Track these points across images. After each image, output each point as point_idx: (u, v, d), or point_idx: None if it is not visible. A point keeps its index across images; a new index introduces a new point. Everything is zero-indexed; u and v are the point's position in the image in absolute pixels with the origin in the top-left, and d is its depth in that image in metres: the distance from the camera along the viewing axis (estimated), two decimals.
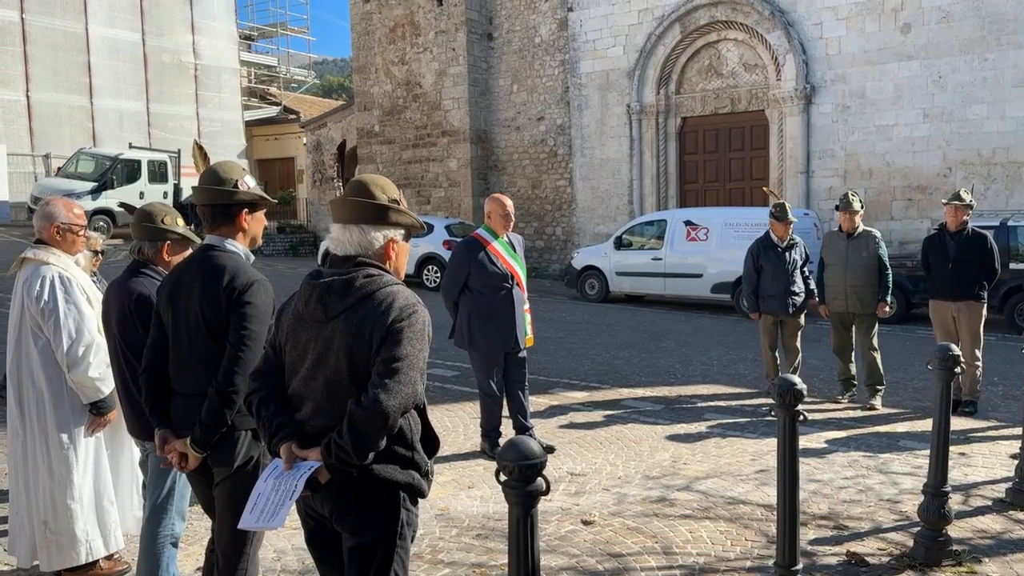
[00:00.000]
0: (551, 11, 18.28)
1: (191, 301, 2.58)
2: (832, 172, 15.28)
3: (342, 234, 2.20)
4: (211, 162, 2.94)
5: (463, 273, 5.36)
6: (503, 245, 5.43)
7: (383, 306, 2.09)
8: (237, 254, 2.65)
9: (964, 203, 6.68)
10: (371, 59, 20.41)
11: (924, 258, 6.99)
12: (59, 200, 3.61)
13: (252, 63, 31.94)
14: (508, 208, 5.41)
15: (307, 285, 2.19)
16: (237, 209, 2.67)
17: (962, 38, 13.84)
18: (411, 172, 20.06)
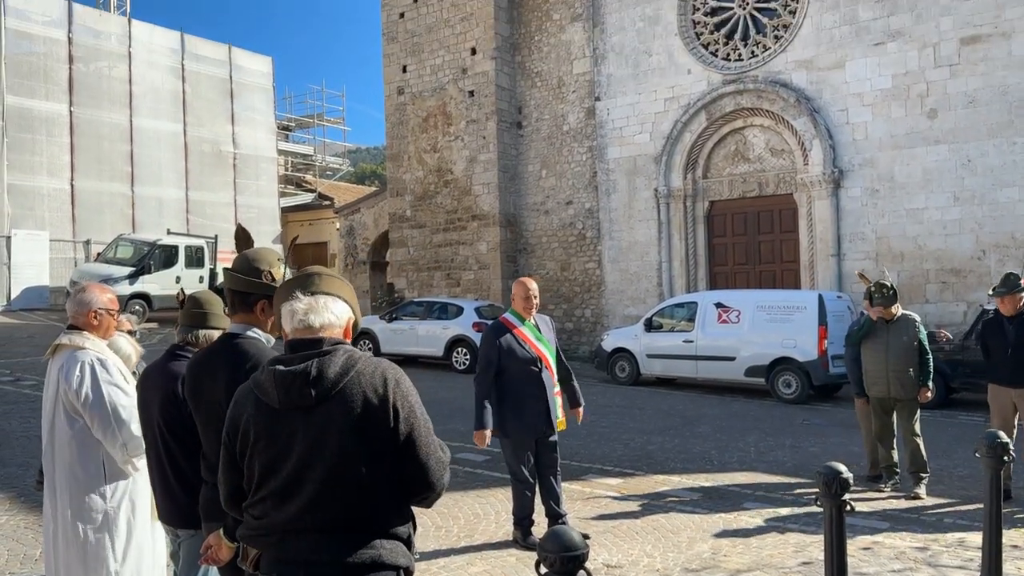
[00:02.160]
0: (579, 100, 18.75)
1: (215, 391, 2.54)
2: (863, 255, 15.21)
3: (311, 300, 2.13)
4: (253, 245, 2.99)
5: (494, 358, 5.33)
6: (530, 328, 5.43)
7: (378, 377, 2.03)
8: (259, 340, 2.63)
9: (1014, 289, 6.50)
10: (404, 147, 20.97)
11: (983, 342, 6.82)
12: (93, 286, 3.67)
13: (289, 152, 32.97)
14: (530, 291, 5.43)
15: (278, 374, 2.03)
16: (256, 299, 2.68)
17: (989, 122, 13.92)
18: (441, 255, 20.31)
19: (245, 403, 2.10)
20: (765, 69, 16.25)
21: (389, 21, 21.09)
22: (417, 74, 20.62)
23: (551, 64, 19.15)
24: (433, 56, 20.29)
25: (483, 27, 19.38)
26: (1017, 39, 13.63)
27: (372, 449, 2.00)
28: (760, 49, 16.50)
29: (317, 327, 2.10)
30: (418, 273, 20.77)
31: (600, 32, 18.37)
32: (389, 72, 21.18)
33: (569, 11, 18.81)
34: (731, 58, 16.87)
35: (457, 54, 19.84)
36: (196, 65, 25.98)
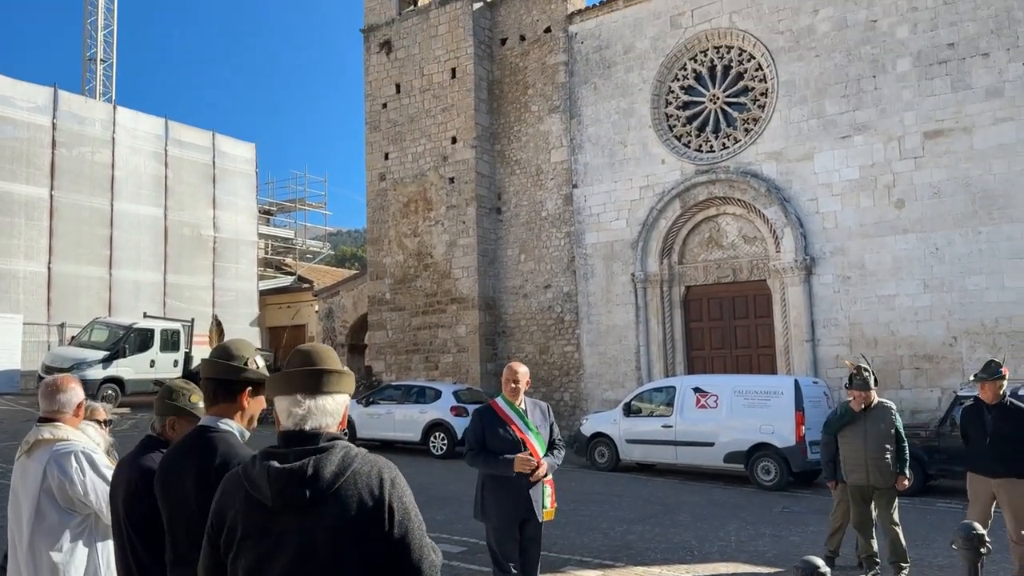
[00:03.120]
0: (557, 188, 19.16)
1: (183, 487, 2.51)
2: (837, 341, 15.40)
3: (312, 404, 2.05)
4: (226, 337, 3.01)
5: (480, 438, 5.33)
6: (516, 412, 5.41)
7: (374, 477, 1.98)
8: (232, 433, 2.62)
9: (993, 376, 6.56)
10: (385, 231, 21.20)
11: (962, 429, 6.83)
12: (67, 379, 3.65)
13: (270, 235, 33.16)
14: (515, 374, 5.43)
15: (272, 471, 1.94)
16: (241, 387, 2.69)
17: (955, 212, 14.37)
18: (420, 338, 20.29)
19: (234, 496, 2.01)
20: (736, 160, 16.76)
21: (372, 111, 21.61)
22: (399, 161, 21.03)
23: (530, 152, 19.63)
24: (415, 144, 20.74)
25: (464, 117, 19.91)
26: (978, 133, 14.22)
27: (365, 551, 1.95)
28: (731, 141, 17.05)
29: (317, 426, 2.05)
30: (396, 356, 20.69)
31: (577, 123, 18.94)
32: (371, 159, 21.59)
33: (547, 103, 19.41)
34: (703, 149, 17.40)
35: (438, 142, 20.30)
36: (179, 151, 26.32)
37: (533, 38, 19.75)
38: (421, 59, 20.79)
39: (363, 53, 22.02)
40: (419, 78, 20.79)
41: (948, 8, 14.57)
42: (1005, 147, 13.93)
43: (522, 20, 19.99)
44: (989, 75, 14.14)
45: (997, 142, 14.01)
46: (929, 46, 14.72)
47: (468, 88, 19.84)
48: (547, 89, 19.41)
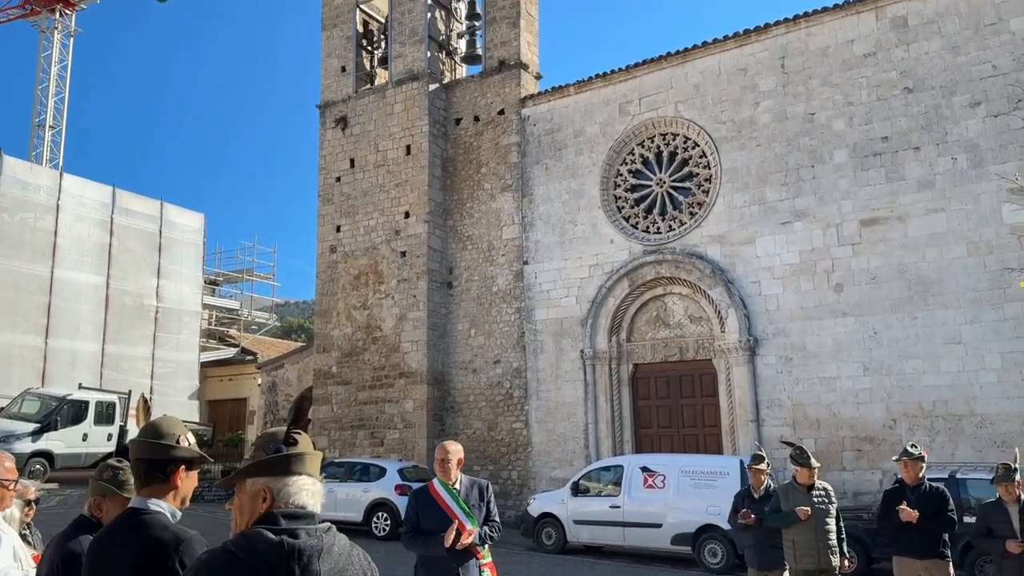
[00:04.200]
0: (508, 264, 19.35)
1: (117, 573, 2.41)
2: (781, 421, 15.61)
3: (315, 487, 2.13)
4: (152, 417, 2.93)
5: (414, 521, 5.26)
6: (449, 493, 5.32)
7: (362, 554, 2.09)
8: (163, 514, 2.55)
9: (914, 457, 6.79)
10: (334, 304, 21.04)
11: (884, 511, 6.94)
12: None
13: (214, 306, 32.58)
14: (445, 453, 5.37)
15: (298, 547, 1.91)
16: (174, 466, 2.63)
17: (891, 298, 14.87)
18: (366, 413, 19.95)
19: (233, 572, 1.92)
20: (682, 242, 17.19)
21: (326, 184, 21.72)
22: (351, 234, 21.06)
23: (482, 229, 19.85)
24: (367, 218, 20.83)
25: (417, 193, 20.12)
26: (912, 222, 14.86)
27: None
28: (677, 224, 17.52)
29: (315, 505, 2.10)
30: (341, 432, 20.27)
31: (529, 202, 19.28)
32: (323, 231, 21.57)
33: (500, 182, 19.77)
34: (650, 230, 17.82)
35: (391, 216, 20.43)
36: (126, 219, 25.95)
37: (487, 119, 20.23)
38: (376, 135, 21.08)
39: (318, 128, 22.25)
40: (374, 153, 21.03)
41: (881, 104, 15.40)
42: (937, 236, 14.57)
43: (476, 102, 20.50)
44: (921, 168, 14.89)
45: (930, 231, 14.65)
46: (864, 139, 15.48)
47: (422, 165, 20.12)
48: (500, 168, 19.80)
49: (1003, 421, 13.66)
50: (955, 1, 14.93)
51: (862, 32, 15.77)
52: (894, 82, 15.32)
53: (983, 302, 14.02)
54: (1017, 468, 6.50)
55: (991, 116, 14.31)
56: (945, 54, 14.90)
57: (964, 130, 14.55)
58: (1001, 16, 14.48)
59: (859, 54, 15.75)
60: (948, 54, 14.87)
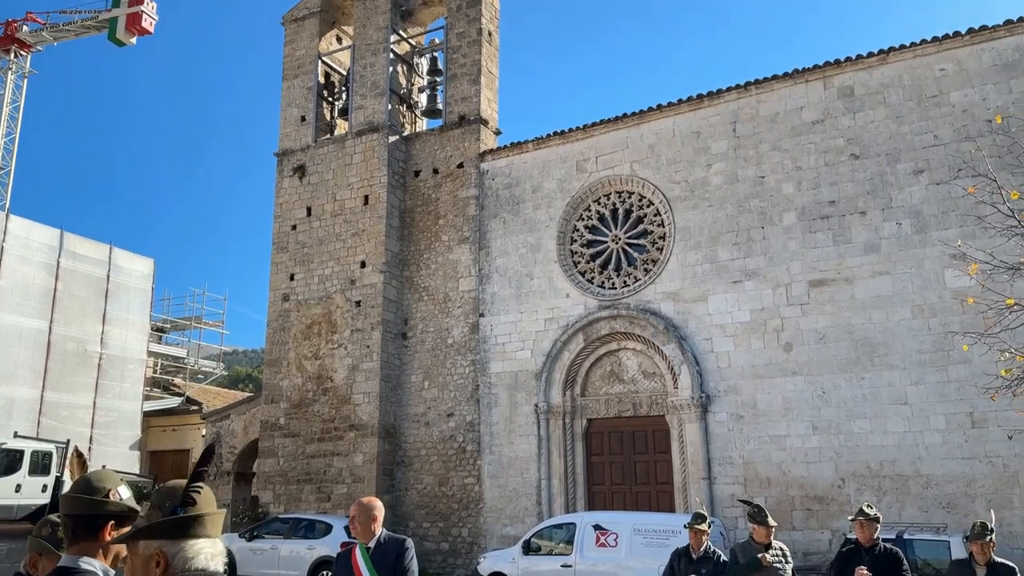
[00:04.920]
0: (464, 316, 19.29)
1: None
2: (732, 479, 15.64)
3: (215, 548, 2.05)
4: (88, 470, 2.81)
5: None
6: (362, 554, 5.16)
7: None
8: (94, 573, 2.42)
9: (869, 517, 6.80)
10: (284, 353, 20.67)
11: (839, 574, 6.91)
12: None
13: (160, 354, 31.75)
14: (355, 510, 5.20)
15: None
16: (104, 521, 2.51)
17: (839, 358, 15.15)
18: (313, 467, 19.47)
19: None
20: (636, 298, 17.36)
21: (281, 232, 21.53)
22: (305, 282, 20.83)
23: (438, 280, 19.82)
24: (322, 266, 20.66)
25: (374, 243, 20.05)
26: (859, 284, 15.23)
27: None
28: (632, 280, 17.72)
29: (218, 567, 2.03)
30: (286, 486, 19.73)
31: (486, 254, 19.35)
32: (276, 279, 21.30)
33: (457, 234, 19.83)
34: (605, 286, 17.98)
35: (347, 266, 20.29)
36: (73, 263, 25.32)
37: (446, 172, 20.37)
38: (334, 185, 21.04)
39: (275, 176, 22.15)
40: (331, 203, 20.97)
41: (829, 170, 15.91)
42: (883, 299, 14.95)
43: (436, 155, 20.66)
44: (867, 231, 15.34)
45: (876, 294, 15.03)
46: (812, 202, 15.93)
47: (380, 215, 20.10)
48: (458, 220, 19.88)
49: (948, 482, 13.87)
50: (899, 73, 15.61)
51: (810, 100, 16.36)
52: (841, 148, 15.87)
53: (928, 364, 14.36)
54: (993, 528, 6.57)
55: (934, 184, 14.87)
56: (890, 123, 15.51)
57: (908, 196, 15.08)
58: (942, 89, 15.16)
59: (807, 121, 16.30)
60: (892, 123, 15.49)
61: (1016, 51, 14.64)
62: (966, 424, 13.88)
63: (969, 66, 15.00)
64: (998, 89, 14.66)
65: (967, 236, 13.54)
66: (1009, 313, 7.84)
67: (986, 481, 13.60)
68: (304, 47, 22.71)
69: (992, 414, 13.53)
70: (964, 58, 15.07)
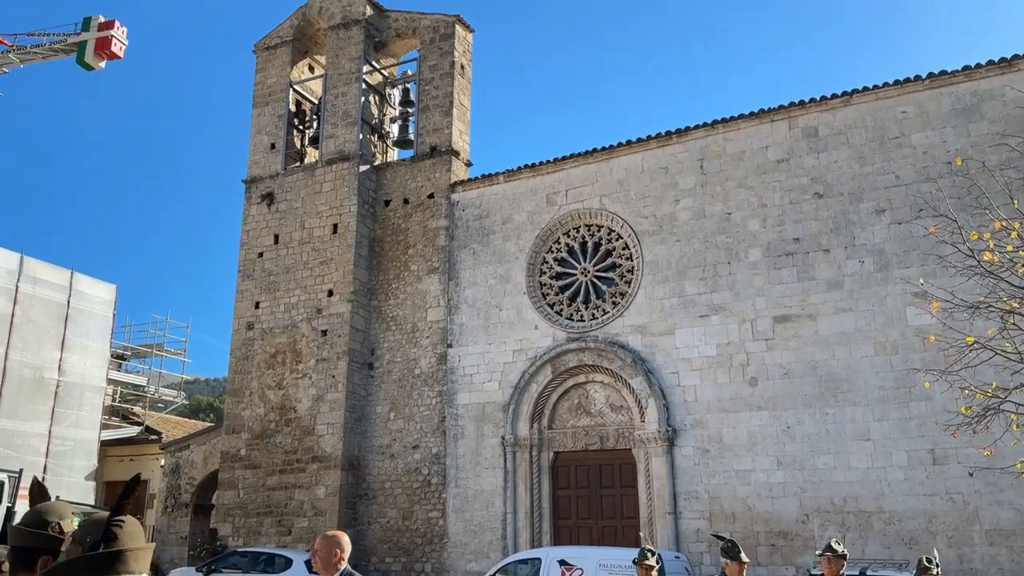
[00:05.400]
0: (431, 346, 19.17)
1: None
2: (698, 514, 15.61)
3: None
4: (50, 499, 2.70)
5: None
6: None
7: None
8: None
9: (837, 554, 6.82)
10: (247, 383, 20.34)
11: None
12: None
13: (120, 382, 31.06)
14: (317, 545, 5.04)
15: None
16: (39, 554, 2.41)
17: (804, 393, 15.28)
18: (274, 499, 19.09)
19: None
20: (605, 331, 17.40)
21: (247, 259, 21.31)
22: (270, 310, 20.59)
23: (407, 310, 19.71)
24: (289, 295, 20.45)
25: (342, 271, 19.92)
26: (822, 321, 15.43)
27: None
28: (600, 312, 17.77)
29: None
30: (246, 519, 19.29)
31: (455, 285, 19.31)
32: (241, 307, 21.03)
33: (427, 264, 19.78)
34: (574, 318, 18.02)
35: (314, 294, 20.10)
36: (32, 288, 24.74)
37: (416, 202, 20.36)
38: (303, 213, 20.92)
39: (243, 203, 21.97)
40: (299, 231, 20.83)
41: (793, 208, 16.18)
42: (846, 335, 15.15)
43: (407, 185, 20.66)
44: (830, 269, 15.58)
45: (839, 330, 15.23)
46: (777, 239, 16.17)
47: (349, 244, 20.00)
48: (427, 250, 19.84)
49: (910, 518, 13.98)
50: (862, 115, 15.99)
51: (776, 139, 16.68)
52: (805, 187, 16.16)
53: (890, 400, 14.53)
54: (937, 564, 6.62)
55: (895, 223, 15.18)
56: (853, 163, 15.85)
57: (870, 235, 15.37)
58: (903, 131, 15.55)
59: (773, 160, 16.60)
60: (855, 163, 15.82)
61: (974, 96, 15.09)
62: (927, 461, 14.04)
63: (929, 109, 15.42)
64: (957, 132, 15.07)
65: (928, 275, 13.81)
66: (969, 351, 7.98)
67: (947, 518, 13.73)
68: (276, 75, 22.70)
69: (953, 451, 13.71)
70: (924, 101, 15.49)
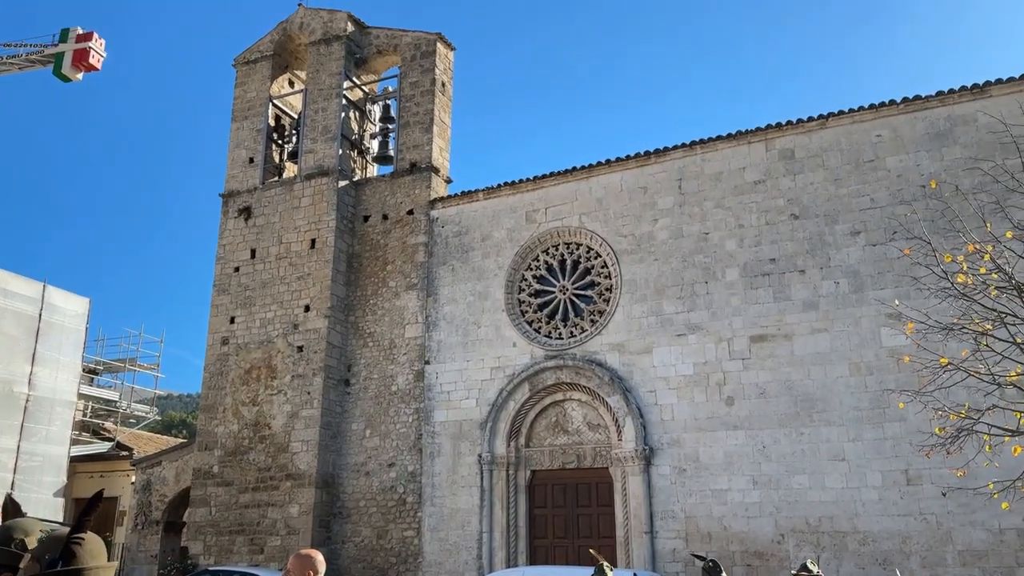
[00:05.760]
0: (409, 363, 19.06)
1: None
2: (674, 534, 15.58)
3: None
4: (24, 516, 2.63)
5: None
6: None
7: None
8: None
9: (813, 574, 6.85)
10: (221, 399, 20.09)
11: None
12: None
13: (92, 396, 30.57)
14: (291, 564, 4.90)
15: None
16: (1, 570, 2.34)
17: (779, 413, 15.34)
18: (247, 517, 18.81)
19: None
20: (583, 348, 17.39)
21: (223, 274, 21.11)
22: (245, 326, 20.38)
23: (384, 326, 19.59)
24: (265, 310, 20.26)
25: (320, 287, 19.78)
26: (798, 341, 15.53)
27: None
28: (578, 330, 17.77)
29: None
30: (218, 537, 18.98)
31: (433, 302, 19.23)
32: (216, 322, 20.81)
33: (405, 280, 19.70)
34: (552, 336, 18.00)
35: (290, 310, 19.94)
36: (3, 300, 24.28)
37: (396, 218, 20.31)
38: (281, 227, 20.79)
39: (220, 217, 21.80)
40: (277, 245, 20.68)
41: (770, 228, 16.31)
42: (821, 355, 15.25)
43: (386, 201, 20.61)
44: (806, 289, 15.70)
45: (814, 350, 15.33)
46: (754, 259, 16.28)
47: (327, 259, 19.88)
48: (406, 267, 19.77)
49: (884, 539, 14.03)
50: (837, 138, 16.20)
51: (753, 160, 16.84)
52: (782, 208, 16.31)
53: (865, 421, 14.62)
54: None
55: (870, 245, 15.35)
56: (828, 185, 16.03)
57: (846, 256, 15.52)
58: (878, 155, 15.77)
59: (750, 181, 16.75)
60: (831, 186, 16.00)
61: (947, 121, 15.34)
62: (901, 481, 14.12)
63: (904, 133, 15.65)
64: (931, 156, 15.30)
65: (902, 296, 13.96)
66: (943, 372, 8.05)
67: (921, 538, 13.80)
68: (255, 89, 22.62)
69: (927, 471, 13.80)
70: (899, 125, 15.73)
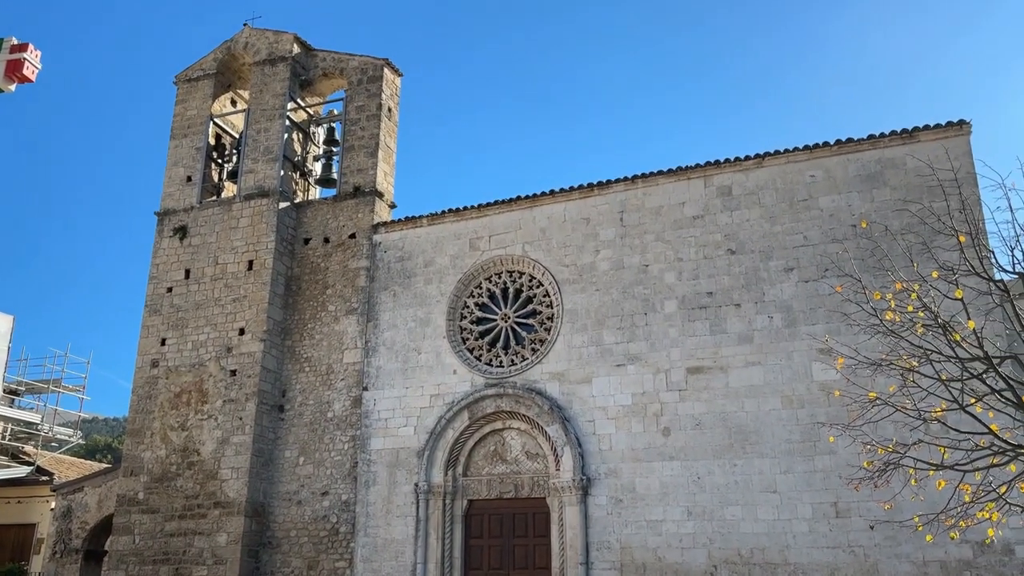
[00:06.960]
0: (346, 389, 18.76)
1: None
2: (609, 564, 15.57)
3: None
4: None
5: None
6: None
7: None
8: None
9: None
10: (149, 423, 19.44)
11: None
12: None
13: (11, 418, 29.24)
14: None
15: None
16: None
17: (714, 444, 15.54)
18: (172, 546, 18.15)
19: None
20: (523, 377, 17.38)
21: (155, 294, 20.54)
22: (177, 348, 19.82)
23: (322, 351, 19.28)
24: (197, 332, 19.75)
25: (256, 310, 19.39)
26: (733, 373, 15.80)
27: None
28: (519, 359, 17.77)
29: None
30: (141, 567, 18.26)
31: (373, 327, 19.02)
32: (146, 343, 20.20)
33: (345, 304, 19.45)
34: (493, 364, 17.95)
35: (224, 332, 19.47)
36: None
37: (337, 241, 20.09)
38: (217, 248, 20.36)
39: (154, 235, 21.25)
40: (212, 266, 20.24)
41: (708, 263, 16.64)
42: (755, 388, 15.54)
43: (328, 224, 20.38)
44: (741, 323, 16.02)
45: (748, 383, 15.61)
46: (692, 292, 16.56)
47: (264, 281, 19.52)
48: (346, 291, 19.53)
49: (814, 571, 14.26)
50: (772, 177, 16.67)
51: (692, 196, 17.19)
52: (719, 243, 16.66)
53: (796, 453, 14.91)
54: None
55: (803, 281, 15.77)
56: (763, 222, 16.45)
57: (779, 292, 15.91)
58: (811, 194, 16.26)
59: (689, 215, 17.09)
60: (766, 223, 16.43)
61: (878, 163, 15.94)
62: (831, 513, 14.40)
63: (836, 174, 16.19)
64: (862, 197, 15.85)
65: (833, 332, 14.35)
66: (871, 407, 8.26)
67: (848, 570, 14.07)
68: (196, 107, 22.22)
69: (855, 504, 14.11)
70: (832, 167, 16.27)
